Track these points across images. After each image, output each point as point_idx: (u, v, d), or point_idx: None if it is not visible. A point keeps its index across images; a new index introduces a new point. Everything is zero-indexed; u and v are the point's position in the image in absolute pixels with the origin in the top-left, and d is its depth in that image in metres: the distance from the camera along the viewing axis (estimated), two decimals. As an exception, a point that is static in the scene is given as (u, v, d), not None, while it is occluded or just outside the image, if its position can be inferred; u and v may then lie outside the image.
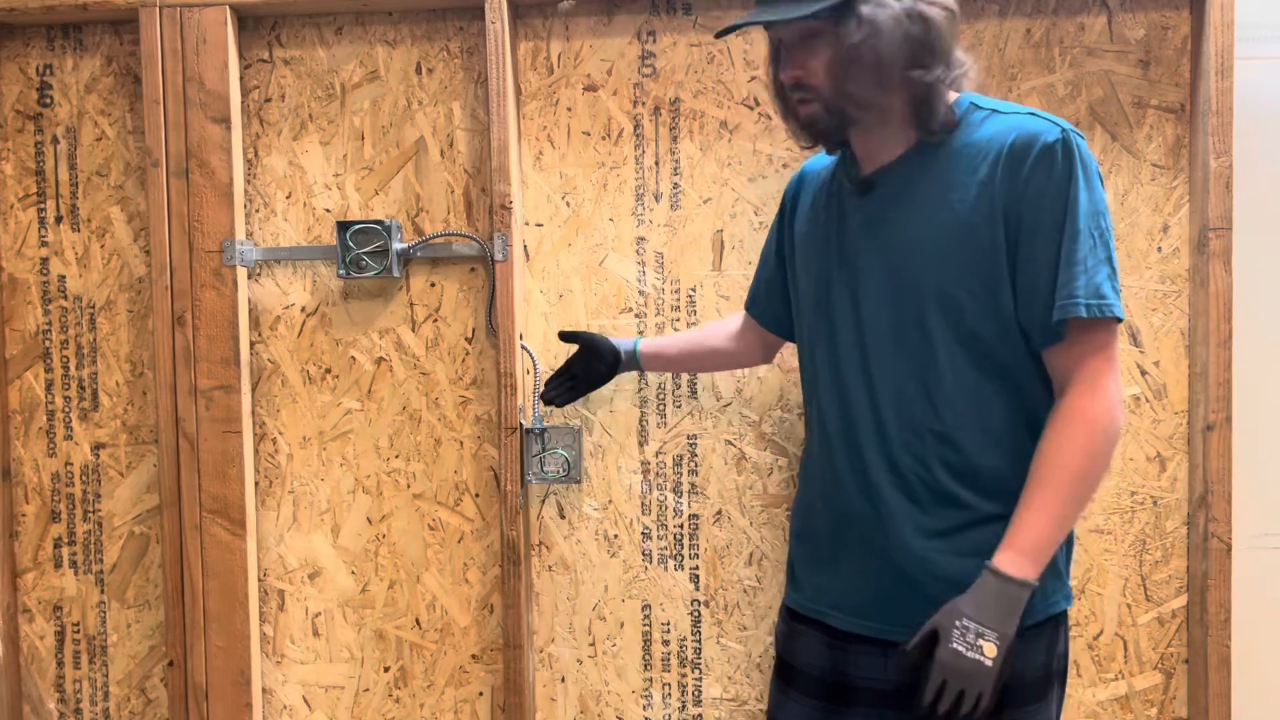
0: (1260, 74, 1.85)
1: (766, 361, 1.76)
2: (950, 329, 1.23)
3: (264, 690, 1.97)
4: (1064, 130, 1.20)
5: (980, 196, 1.21)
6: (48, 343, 1.99)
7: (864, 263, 1.29)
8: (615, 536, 1.92)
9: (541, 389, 1.83)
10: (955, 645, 1.15)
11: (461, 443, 1.93)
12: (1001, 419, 1.26)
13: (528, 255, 1.92)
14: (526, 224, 1.92)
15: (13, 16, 1.90)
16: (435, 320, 1.93)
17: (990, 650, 1.14)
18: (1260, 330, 1.86)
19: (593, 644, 1.93)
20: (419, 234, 1.93)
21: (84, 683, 2.01)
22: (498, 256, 1.84)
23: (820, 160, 1.48)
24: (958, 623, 1.16)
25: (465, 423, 1.93)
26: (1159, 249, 1.83)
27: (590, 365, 1.77)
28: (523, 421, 1.86)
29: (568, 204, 1.91)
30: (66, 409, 1.99)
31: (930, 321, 1.24)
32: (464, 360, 1.93)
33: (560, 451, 1.87)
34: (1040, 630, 1.26)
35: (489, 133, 1.83)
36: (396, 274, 1.88)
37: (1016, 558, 1.17)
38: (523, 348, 1.88)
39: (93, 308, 1.98)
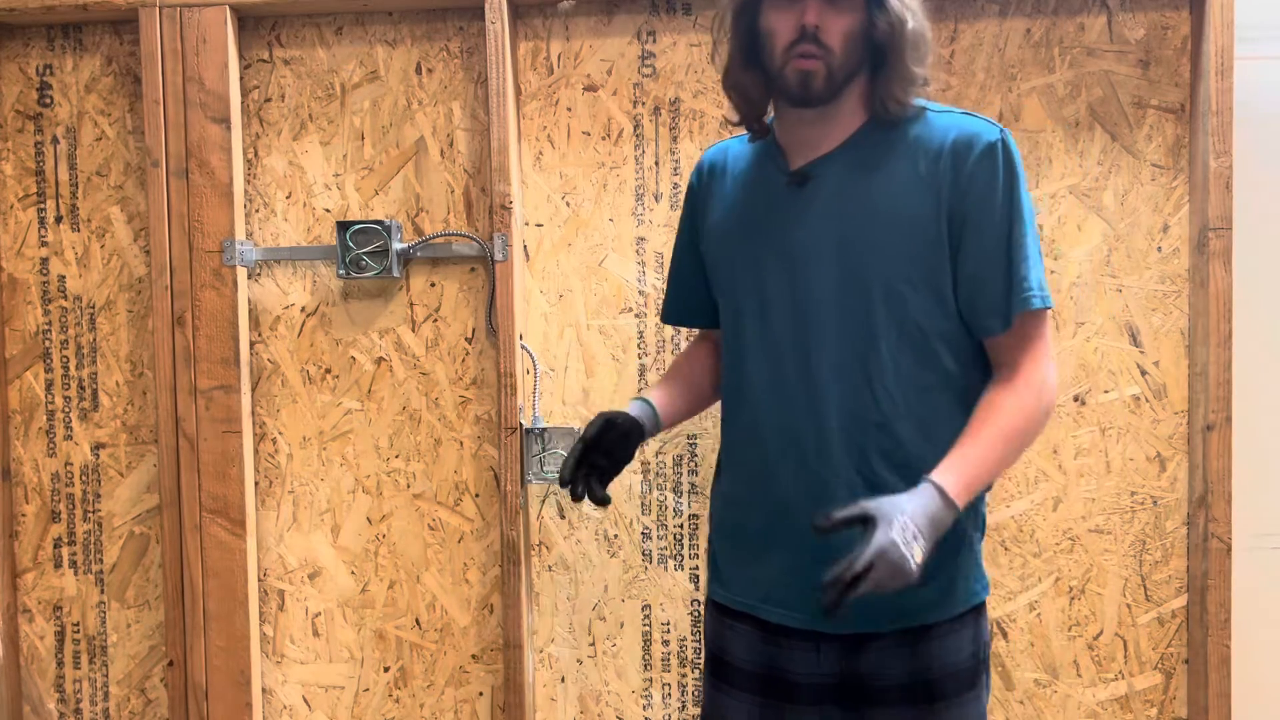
0: (1260, 74, 1.85)
1: None
2: (893, 321, 1.25)
3: (264, 690, 1.97)
4: (1002, 130, 1.25)
5: (924, 191, 1.24)
6: (48, 343, 1.99)
7: (803, 256, 1.28)
8: (615, 536, 1.92)
9: (560, 473, 1.42)
10: (895, 536, 1.11)
11: (461, 443, 1.93)
12: (938, 410, 1.28)
13: (528, 255, 1.92)
14: (526, 224, 1.92)
15: (13, 16, 1.90)
16: (435, 320, 1.93)
17: (919, 556, 1.12)
18: (1260, 330, 1.86)
19: (593, 644, 1.93)
20: (419, 234, 1.93)
21: (84, 683, 2.01)
22: (498, 256, 1.84)
23: (720, 153, 1.45)
24: (900, 517, 1.12)
25: (465, 423, 1.93)
26: (1159, 249, 1.83)
27: (613, 445, 1.43)
28: (522, 421, 1.86)
29: (568, 204, 1.91)
30: (66, 409, 1.99)
31: (875, 314, 1.25)
32: (464, 360, 1.93)
33: (560, 451, 1.87)
34: (964, 620, 1.29)
35: (489, 133, 1.83)
36: (396, 274, 1.88)
37: (956, 484, 1.18)
38: (523, 348, 1.88)
39: (93, 308, 1.98)
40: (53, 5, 1.88)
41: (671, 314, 1.56)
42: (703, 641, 1.50)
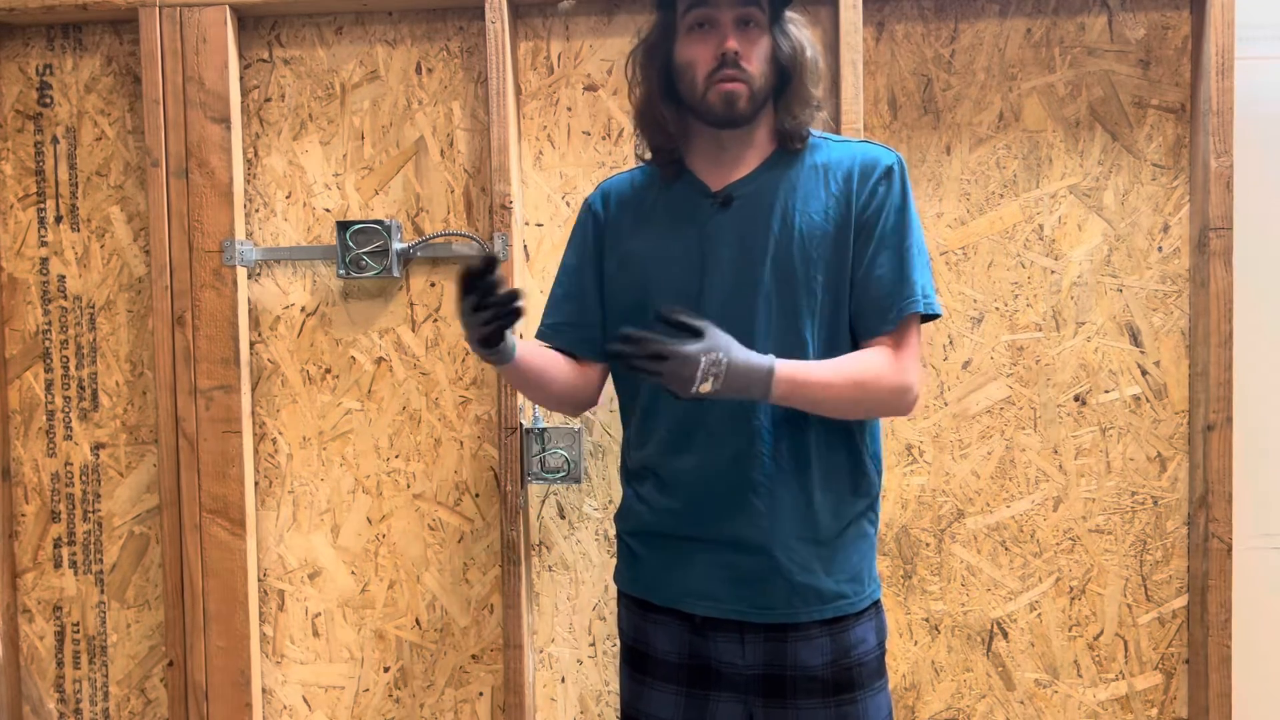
0: (1260, 74, 1.85)
1: (593, 404, 1.54)
2: (817, 328, 1.35)
3: (264, 690, 1.97)
4: (897, 155, 1.38)
5: (837, 209, 1.35)
6: (48, 343, 1.99)
7: (734, 273, 1.35)
8: (615, 536, 1.91)
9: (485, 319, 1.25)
10: (701, 357, 1.21)
11: (461, 443, 1.93)
12: None
13: (528, 255, 1.92)
14: (526, 224, 1.92)
15: (13, 16, 1.90)
16: (435, 320, 1.93)
17: (706, 387, 1.22)
18: (1260, 330, 1.86)
19: (593, 644, 1.93)
20: (419, 234, 1.93)
21: (84, 683, 2.01)
22: (498, 256, 1.84)
23: (622, 183, 1.49)
24: (719, 353, 1.23)
25: (465, 423, 1.93)
26: (1159, 249, 1.83)
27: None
28: (522, 421, 1.86)
29: (568, 204, 1.90)
30: (66, 409, 1.99)
31: (803, 324, 1.34)
32: (464, 360, 1.93)
33: (560, 451, 1.87)
34: (870, 614, 1.38)
35: (489, 133, 1.83)
36: (396, 274, 1.88)
37: (786, 380, 1.27)
38: (523, 348, 1.88)
39: (93, 308, 1.98)
40: (53, 5, 1.88)
41: (558, 336, 1.50)
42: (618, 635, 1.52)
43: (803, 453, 1.33)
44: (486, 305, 1.22)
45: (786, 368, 1.27)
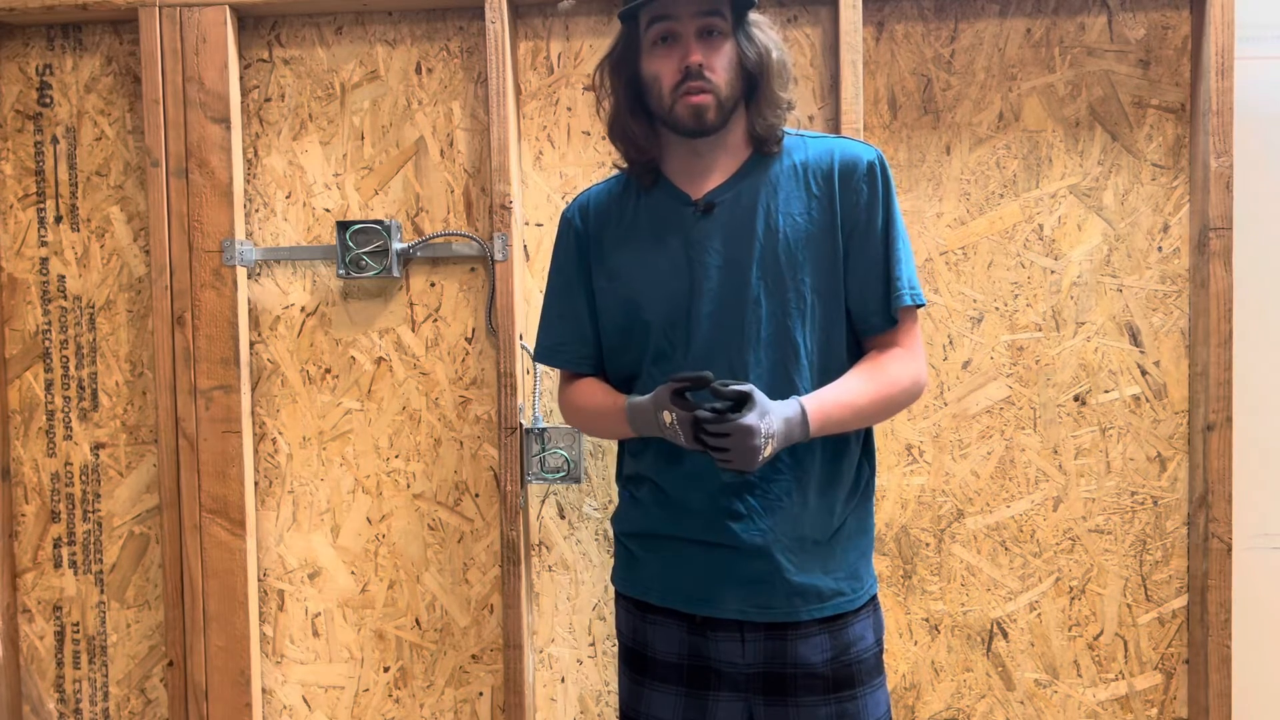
0: (1260, 74, 1.85)
1: None
2: (808, 329, 1.35)
3: (264, 690, 1.97)
4: (876, 151, 1.38)
5: (820, 210, 1.36)
6: (47, 343, 1.99)
7: (722, 280, 1.34)
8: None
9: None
10: (760, 425, 1.20)
11: (461, 443, 1.93)
12: None
13: (528, 255, 1.92)
14: (526, 224, 1.92)
15: (13, 16, 1.90)
16: (435, 320, 1.93)
17: (766, 453, 1.22)
18: (1260, 330, 1.86)
19: (593, 644, 1.93)
20: (419, 234, 1.93)
21: (84, 683, 2.01)
22: (498, 256, 1.84)
23: (600, 195, 1.48)
24: (769, 415, 1.22)
25: (465, 423, 1.93)
26: (1159, 249, 1.83)
27: None
28: (522, 421, 1.86)
29: (567, 204, 1.90)
30: (66, 409, 1.99)
31: (794, 326, 1.34)
32: (464, 360, 1.93)
33: (560, 451, 1.87)
34: (867, 610, 1.39)
35: (489, 132, 1.83)
36: (396, 274, 1.88)
37: (818, 414, 1.28)
38: (523, 348, 1.88)
39: (92, 308, 1.98)
40: (53, 5, 1.88)
41: (558, 356, 1.51)
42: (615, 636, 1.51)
43: (798, 452, 1.33)
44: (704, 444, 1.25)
45: (813, 405, 1.27)
